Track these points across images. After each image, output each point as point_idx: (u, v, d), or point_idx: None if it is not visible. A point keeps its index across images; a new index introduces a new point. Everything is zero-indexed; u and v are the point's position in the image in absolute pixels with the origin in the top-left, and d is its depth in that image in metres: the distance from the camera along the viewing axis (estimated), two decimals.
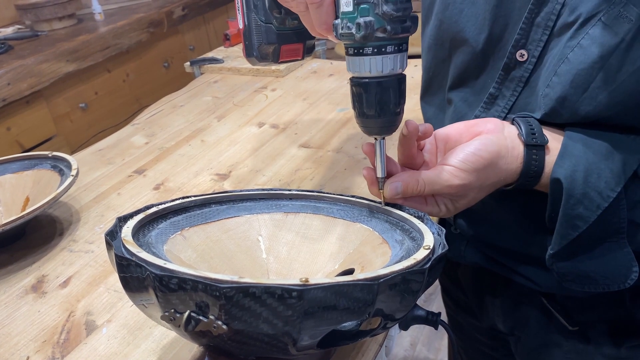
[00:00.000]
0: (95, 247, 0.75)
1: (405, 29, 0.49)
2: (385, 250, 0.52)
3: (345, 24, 0.48)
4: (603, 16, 0.47)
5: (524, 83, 0.56)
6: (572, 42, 0.50)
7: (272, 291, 0.36)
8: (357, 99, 0.52)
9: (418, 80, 1.22)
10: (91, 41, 1.86)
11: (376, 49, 0.49)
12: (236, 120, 1.13)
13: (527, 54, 0.55)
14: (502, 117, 0.59)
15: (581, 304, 0.61)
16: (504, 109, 0.58)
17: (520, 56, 0.55)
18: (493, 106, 0.59)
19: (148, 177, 0.93)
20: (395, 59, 0.49)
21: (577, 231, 0.51)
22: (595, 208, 0.49)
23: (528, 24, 0.54)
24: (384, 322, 0.42)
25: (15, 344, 0.59)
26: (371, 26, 0.47)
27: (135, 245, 0.43)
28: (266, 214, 0.60)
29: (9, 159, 0.86)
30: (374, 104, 0.51)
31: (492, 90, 0.59)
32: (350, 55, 0.50)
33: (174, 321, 0.39)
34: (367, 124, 0.53)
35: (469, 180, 0.52)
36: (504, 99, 0.58)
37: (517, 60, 0.56)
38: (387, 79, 0.50)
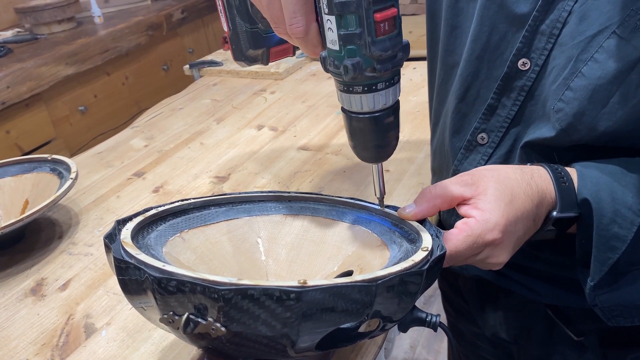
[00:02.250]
0: (95, 250, 0.75)
1: (396, 63, 0.45)
2: (384, 252, 0.52)
3: (332, 62, 0.45)
4: (618, 29, 0.45)
5: (526, 92, 0.54)
6: (584, 55, 0.48)
7: (271, 293, 0.36)
8: (351, 132, 0.49)
9: (417, 82, 1.23)
10: (90, 44, 1.86)
11: (367, 87, 0.46)
12: (235, 122, 1.13)
13: (530, 62, 0.53)
14: (505, 127, 0.57)
15: (584, 314, 0.60)
16: (505, 119, 0.57)
17: (523, 65, 0.54)
18: (493, 116, 0.58)
19: (147, 180, 0.93)
20: (387, 94, 0.46)
21: (616, 253, 0.47)
22: (630, 224, 0.47)
23: (531, 32, 0.52)
24: (383, 324, 0.42)
25: (15, 347, 0.59)
26: (359, 67, 0.44)
27: (134, 248, 0.43)
28: (265, 216, 0.60)
29: (9, 162, 0.86)
30: (369, 138, 0.48)
31: (490, 101, 0.57)
32: (340, 91, 0.47)
33: (172, 323, 0.39)
34: (363, 155, 0.50)
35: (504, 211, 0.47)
36: (504, 109, 0.57)
37: (519, 69, 0.54)
38: (381, 113, 0.47)
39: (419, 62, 1.36)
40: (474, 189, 0.49)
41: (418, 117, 1.05)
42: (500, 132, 0.58)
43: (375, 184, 0.53)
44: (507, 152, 0.58)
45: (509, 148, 0.57)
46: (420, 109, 1.09)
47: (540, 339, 0.66)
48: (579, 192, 0.48)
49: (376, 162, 0.51)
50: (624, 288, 0.50)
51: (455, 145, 0.63)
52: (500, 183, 0.49)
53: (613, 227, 0.47)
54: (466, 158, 0.61)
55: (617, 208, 0.47)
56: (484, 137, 0.59)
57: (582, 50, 0.48)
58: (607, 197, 0.47)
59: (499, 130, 0.58)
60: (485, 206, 0.47)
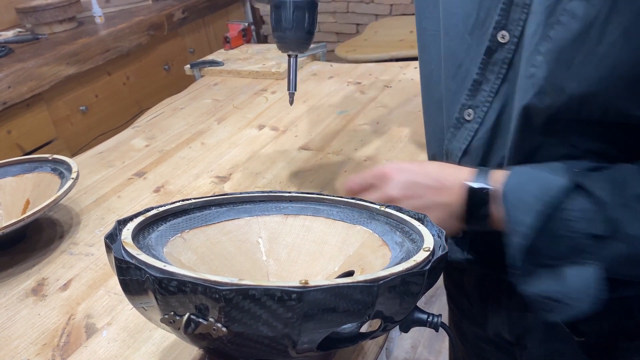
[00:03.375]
0: (96, 250, 0.75)
1: None
2: (385, 252, 0.52)
3: None
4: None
5: (507, 65, 0.55)
6: (550, 20, 0.49)
7: (272, 293, 0.36)
8: (276, 17, 0.61)
9: (417, 81, 1.23)
10: (91, 44, 1.86)
11: None
12: (236, 122, 1.13)
13: (508, 34, 0.54)
14: (490, 101, 0.58)
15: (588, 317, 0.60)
16: (490, 94, 0.58)
17: (502, 37, 0.55)
18: (479, 92, 0.59)
19: (148, 180, 0.93)
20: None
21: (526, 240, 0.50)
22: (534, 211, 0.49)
23: (507, 4, 0.54)
24: (384, 324, 0.42)
25: (16, 347, 0.59)
26: None
27: (135, 248, 0.43)
28: (266, 217, 0.60)
29: (10, 162, 0.86)
30: (290, 21, 0.60)
31: (475, 77, 0.58)
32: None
33: (173, 324, 0.39)
34: (283, 39, 0.62)
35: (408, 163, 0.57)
36: (488, 84, 0.58)
37: (499, 42, 0.55)
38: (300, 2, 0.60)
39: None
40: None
41: (419, 117, 1.05)
42: (486, 107, 0.59)
43: (290, 78, 0.65)
44: (492, 127, 0.59)
45: (493, 122, 0.58)
46: (421, 108, 1.08)
47: (542, 339, 0.66)
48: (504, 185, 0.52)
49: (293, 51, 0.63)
50: (545, 280, 0.51)
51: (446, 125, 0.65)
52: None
53: (516, 212, 0.51)
54: (454, 136, 0.62)
55: (524, 198, 0.50)
56: (470, 113, 0.60)
57: (549, 14, 0.49)
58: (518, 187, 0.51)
59: (484, 105, 0.59)
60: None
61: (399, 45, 2.39)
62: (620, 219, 0.48)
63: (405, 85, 1.22)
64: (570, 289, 0.50)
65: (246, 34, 1.66)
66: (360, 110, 1.11)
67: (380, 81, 1.26)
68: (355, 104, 1.15)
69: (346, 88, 1.25)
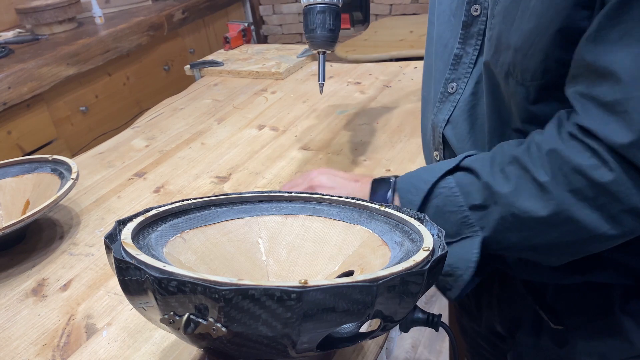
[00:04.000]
0: (96, 250, 0.75)
1: None
2: (385, 252, 0.52)
3: None
4: None
5: (482, 36, 0.59)
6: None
7: (271, 293, 0.36)
8: (305, 21, 0.75)
9: (417, 81, 1.23)
10: (91, 44, 1.86)
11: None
12: (236, 122, 1.13)
13: (480, 7, 0.58)
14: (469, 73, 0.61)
15: (570, 305, 0.61)
16: (469, 66, 0.61)
17: (475, 11, 0.59)
18: (459, 65, 0.62)
19: (148, 180, 0.93)
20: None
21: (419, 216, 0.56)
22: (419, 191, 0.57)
23: None
24: (384, 324, 0.42)
25: (16, 348, 0.59)
26: None
27: (135, 248, 0.43)
28: (266, 217, 0.60)
29: (9, 162, 0.86)
30: (314, 22, 0.73)
31: (456, 51, 0.62)
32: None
33: (173, 324, 0.39)
34: (312, 39, 0.74)
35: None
36: (467, 56, 0.61)
37: (473, 16, 0.59)
38: (323, 6, 0.73)
39: (419, 62, 1.36)
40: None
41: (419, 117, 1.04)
42: (466, 78, 0.62)
43: (319, 71, 0.76)
44: (470, 94, 0.62)
45: (472, 90, 0.61)
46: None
47: (530, 333, 0.67)
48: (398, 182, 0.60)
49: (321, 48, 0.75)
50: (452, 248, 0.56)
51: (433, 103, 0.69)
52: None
53: (408, 195, 0.58)
54: (440, 110, 0.65)
55: (414, 181, 0.58)
56: (453, 86, 0.64)
57: None
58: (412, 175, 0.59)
59: (465, 77, 0.62)
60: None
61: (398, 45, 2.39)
62: (492, 182, 0.52)
63: (405, 85, 1.22)
64: (454, 259, 0.55)
65: (246, 34, 1.66)
66: (360, 110, 1.11)
67: (380, 81, 1.26)
68: (355, 103, 1.15)
69: (346, 88, 1.25)
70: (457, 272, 0.55)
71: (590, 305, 0.61)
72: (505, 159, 0.52)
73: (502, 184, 0.51)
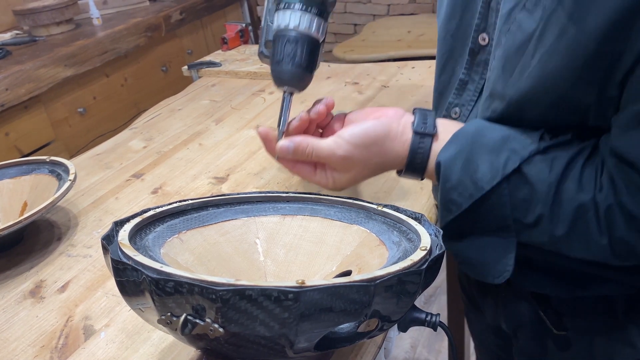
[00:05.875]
0: (93, 252, 0.75)
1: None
2: (383, 251, 0.52)
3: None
4: (527, 2, 0.48)
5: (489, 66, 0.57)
6: (505, 27, 0.51)
7: (269, 293, 0.36)
8: (272, 49, 0.59)
9: (416, 81, 1.23)
10: (89, 46, 1.86)
11: (286, 5, 0.56)
12: (234, 123, 1.13)
13: (488, 37, 0.57)
14: (474, 100, 0.60)
15: (574, 310, 0.61)
16: (475, 93, 0.60)
17: (482, 40, 0.57)
18: (464, 91, 0.61)
19: (146, 181, 0.93)
20: (301, 17, 0.56)
21: (451, 214, 0.53)
22: (468, 196, 0.51)
23: (485, 8, 0.56)
24: (381, 324, 0.42)
25: (14, 350, 0.59)
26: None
27: (132, 249, 0.43)
28: (263, 217, 0.60)
29: (7, 164, 0.86)
30: (282, 53, 0.57)
31: (462, 76, 0.61)
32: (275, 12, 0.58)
33: (170, 325, 0.39)
34: (276, 72, 0.59)
35: (352, 153, 0.55)
36: (474, 83, 0.60)
37: (480, 45, 0.58)
38: (297, 33, 0.57)
39: (417, 62, 1.36)
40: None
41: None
42: (471, 104, 0.61)
43: (281, 116, 0.60)
44: None
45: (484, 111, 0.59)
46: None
47: (531, 332, 0.67)
48: (438, 154, 0.54)
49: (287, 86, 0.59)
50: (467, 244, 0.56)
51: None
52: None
53: (453, 193, 0.52)
54: None
55: (462, 179, 0.51)
56: (456, 111, 0.63)
57: (504, 22, 0.51)
58: (459, 166, 0.52)
59: (469, 104, 0.61)
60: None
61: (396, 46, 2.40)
62: (547, 217, 0.50)
63: (402, 85, 1.22)
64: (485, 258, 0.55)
65: (244, 34, 1.66)
66: None
67: (378, 81, 1.26)
68: (353, 104, 1.15)
69: (344, 88, 1.25)
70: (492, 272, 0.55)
71: (593, 311, 0.60)
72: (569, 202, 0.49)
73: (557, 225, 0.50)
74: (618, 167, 0.46)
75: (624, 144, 0.45)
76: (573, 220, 0.48)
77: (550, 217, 0.49)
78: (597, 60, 0.43)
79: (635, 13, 0.40)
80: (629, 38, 0.41)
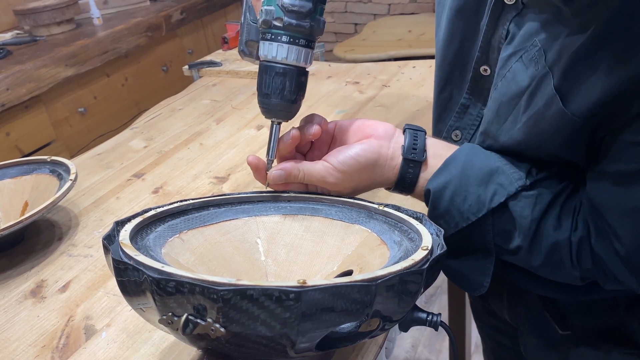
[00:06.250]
0: (94, 252, 0.75)
1: (300, 24, 0.53)
2: (384, 251, 0.52)
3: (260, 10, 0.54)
4: (524, 54, 0.49)
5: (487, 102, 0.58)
6: (502, 71, 0.52)
7: (270, 293, 0.35)
8: (259, 79, 0.57)
9: (416, 80, 1.23)
10: (90, 46, 1.86)
11: (273, 36, 0.54)
12: (235, 123, 1.13)
13: (490, 69, 0.58)
14: (476, 124, 0.61)
15: (578, 308, 0.62)
16: (477, 117, 0.61)
17: (484, 71, 0.58)
18: (465, 115, 0.62)
19: (147, 181, 0.93)
20: (289, 49, 0.54)
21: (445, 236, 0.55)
22: (454, 225, 0.54)
23: (486, 43, 0.56)
24: (383, 324, 0.42)
25: (15, 349, 0.59)
26: (270, 14, 0.53)
27: (133, 249, 0.43)
28: (264, 217, 0.60)
29: (8, 164, 0.86)
30: (270, 86, 0.56)
31: (463, 101, 0.62)
32: (259, 42, 0.56)
33: (171, 325, 0.39)
34: (264, 105, 0.58)
35: (342, 180, 0.57)
36: (476, 108, 0.61)
37: (482, 74, 0.59)
38: (285, 66, 0.55)
39: (418, 61, 1.36)
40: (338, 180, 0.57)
41: (418, 116, 1.05)
42: (472, 129, 0.62)
43: (270, 146, 0.59)
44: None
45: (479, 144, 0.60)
46: (420, 107, 1.08)
47: (536, 328, 0.67)
48: (428, 182, 0.56)
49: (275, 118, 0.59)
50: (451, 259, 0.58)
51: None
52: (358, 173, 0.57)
53: (439, 220, 0.55)
54: None
55: (449, 209, 0.54)
56: (457, 134, 0.64)
57: (502, 66, 0.53)
58: (447, 196, 0.54)
59: (470, 128, 0.62)
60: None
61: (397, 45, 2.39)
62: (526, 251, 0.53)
63: (403, 84, 1.22)
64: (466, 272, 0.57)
65: None
66: (358, 110, 1.11)
67: (379, 81, 1.26)
68: (353, 103, 1.15)
69: (345, 88, 1.24)
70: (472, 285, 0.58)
71: (597, 310, 0.61)
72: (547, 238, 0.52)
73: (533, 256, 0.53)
74: (591, 213, 0.50)
75: (597, 194, 0.49)
76: (548, 253, 0.52)
77: (528, 249, 0.53)
78: (583, 130, 0.46)
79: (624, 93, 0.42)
80: (615, 112, 0.44)
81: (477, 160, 0.54)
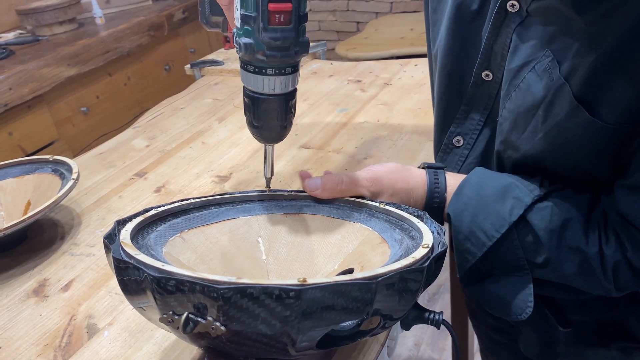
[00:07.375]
0: (97, 251, 0.75)
1: (287, 55, 0.48)
2: (385, 249, 0.51)
3: (234, 37, 0.49)
4: (536, 65, 0.49)
5: (494, 98, 0.58)
6: (515, 82, 0.52)
7: (270, 291, 0.35)
8: (246, 109, 0.54)
9: (418, 79, 1.23)
10: (92, 45, 1.86)
11: (257, 69, 0.50)
12: (237, 122, 1.13)
13: (492, 74, 0.58)
14: (479, 129, 0.61)
15: (577, 305, 0.62)
16: (479, 122, 0.61)
17: (486, 76, 0.58)
18: (467, 120, 0.62)
19: (149, 180, 0.93)
20: (276, 81, 0.50)
21: (468, 263, 0.55)
22: (481, 245, 0.54)
23: (488, 49, 0.56)
24: (383, 322, 0.42)
25: (17, 348, 0.60)
26: (251, 48, 0.48)
27: (134, 248, 0.43)
28: (266, 215, 0.60)
29: (10, 163, 0.86)
30: (259, 117, 0.53)
31: (463, 107, 0.62)
32: (240, 67, 0.52)
33: (172, 323, 0.39)
34: (255, 133, 0.56)
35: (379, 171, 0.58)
36: (477, 113, 0.61)
37: (483, 80, 0.59)
38: (272, 97, 0.51)
39: (420, 59, 1.36)
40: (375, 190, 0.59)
41: (420, 115, 1.05)
42: (475, 134, 0.62)
43: (266, 166, 0.59)
44: (482, 152, 0.62)
45: (483, 149, 0.61)
46: (422, 106, 1.08)
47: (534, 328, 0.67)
48: (447, 206, 0.56)
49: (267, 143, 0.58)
50: (487, 285, 0.58)
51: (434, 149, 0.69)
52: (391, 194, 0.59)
53: (466, 243, 0.55)
54: (444, 160, 0.65)
55: (473, 229, 0.54)
56: (459, 140, 0.63)
57: (514, 77, 0.52)
58: (468, 217, 0.54)
59: (473, 133, 0.62)
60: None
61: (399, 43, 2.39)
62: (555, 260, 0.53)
63: (405, 82, 1.22)
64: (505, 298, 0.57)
65: None
66: (360, 108, 1.11)
67: (381, 79, 1.26)
68: (355, 102, 1.15)
69: (346, 86, 1.24)
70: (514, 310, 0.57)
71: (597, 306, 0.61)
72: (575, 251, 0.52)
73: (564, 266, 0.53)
74: (623, 226, 0.49)
75: (630, 208, 0.48)
76: (579, 265, 0.52)
77: (556, 261, 0.52)
78: (611, 138, 0.46)
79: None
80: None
81: (489, 180, 0.55)
